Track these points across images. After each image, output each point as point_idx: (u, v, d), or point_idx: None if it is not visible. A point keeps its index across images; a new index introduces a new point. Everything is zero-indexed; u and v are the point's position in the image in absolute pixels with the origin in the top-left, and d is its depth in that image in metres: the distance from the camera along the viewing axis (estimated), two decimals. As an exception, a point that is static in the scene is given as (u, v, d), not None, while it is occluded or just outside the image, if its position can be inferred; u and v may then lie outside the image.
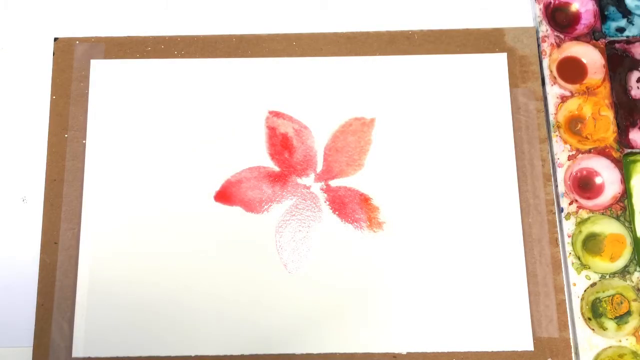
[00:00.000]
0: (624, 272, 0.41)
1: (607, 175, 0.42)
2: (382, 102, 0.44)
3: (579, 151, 0.43)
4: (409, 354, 0.40)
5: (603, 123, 0.43)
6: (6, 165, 0.44)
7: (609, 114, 0.43)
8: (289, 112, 0.44)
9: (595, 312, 0.40)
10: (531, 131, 0.43)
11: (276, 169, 0.43)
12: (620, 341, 0.40)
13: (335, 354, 0.40)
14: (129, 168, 0.43)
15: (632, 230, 0.41)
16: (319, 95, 0.44)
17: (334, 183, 0.43)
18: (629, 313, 0.40)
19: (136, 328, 0.40)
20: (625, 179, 0.42)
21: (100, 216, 0.42)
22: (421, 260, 0.41)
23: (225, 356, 0.40)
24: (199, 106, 0.44)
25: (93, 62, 0.45)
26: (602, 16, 0.46)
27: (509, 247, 0.41)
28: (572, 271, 0.41)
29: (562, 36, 0.45)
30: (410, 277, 0.41)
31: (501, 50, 0.45)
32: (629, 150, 0.43)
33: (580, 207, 0.42)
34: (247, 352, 0.40)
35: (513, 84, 0.44)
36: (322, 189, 0.43)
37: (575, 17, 0.46)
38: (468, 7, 0.47)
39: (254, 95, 0.44)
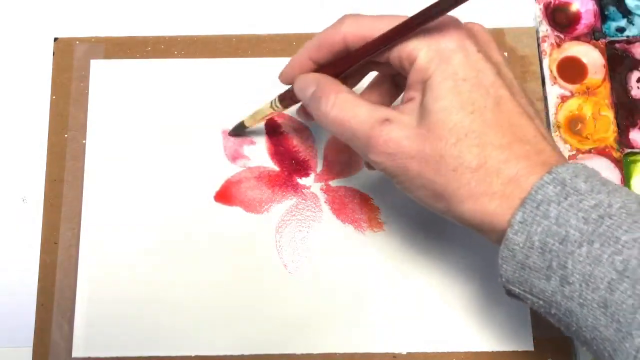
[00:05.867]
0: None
1: (607, 175, 0.42)
2: (382, 102, 0.44)
3: (579, 151, 0.43)
4: (409, 354, 0.40)
5: (603, 123, 0.43)
6: (6, 165, 0.44)
7: (609, 114, 0.43)
8: (289, 112, 0.44)
9: (595, 312, 0.40)
10: (531, 131, 0.43)
11: (276, 169, 0.43)
12: (620, 341, 0.40)
13: (335, 354, 0.40)
14: (129, 168, 0.43)
15: (632, 230, 0.41)
16: (319, 95, 0.44)
17: (334, 183, 0.43)
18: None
19: (136, 328, 0.40)
20: (625, 179, 0.42)
21: (100, 216, 0.42)
22: (421, 260, 0.41)
23: (225, 356, 0.40)
24: (199, 106, 0.44)
25: (93, 62, 0.45)
26: (603, 16, 0.46)
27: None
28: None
29: (562, 36, 0.45)
30: (410, 277, 0.41)
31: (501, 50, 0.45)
32: (629, 150, 0.43)
33: (580, 207, 0.42)
34: (247, 352, 0.40)
35: (513, 84, 0.44)
36: (322, 189, 0.43)
37: (576, 17, 0.46)
38: (468, 7, 0.47)
39: (254, 95, 0.44)
